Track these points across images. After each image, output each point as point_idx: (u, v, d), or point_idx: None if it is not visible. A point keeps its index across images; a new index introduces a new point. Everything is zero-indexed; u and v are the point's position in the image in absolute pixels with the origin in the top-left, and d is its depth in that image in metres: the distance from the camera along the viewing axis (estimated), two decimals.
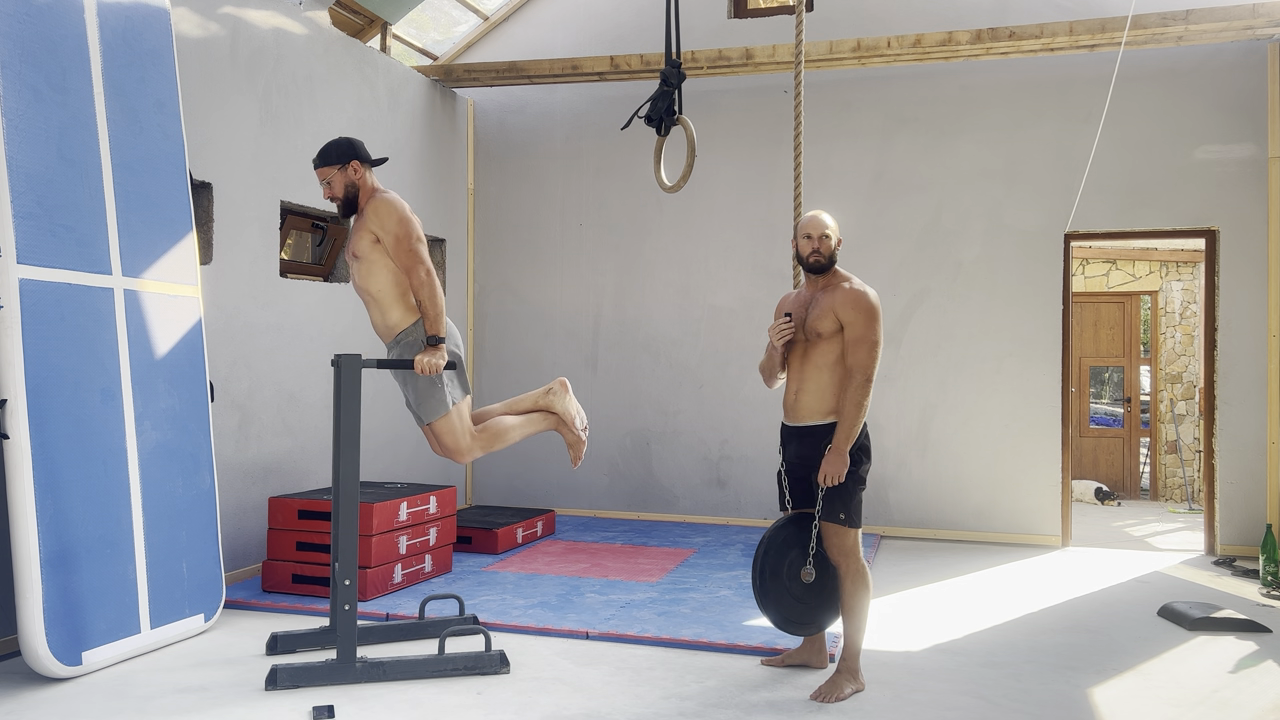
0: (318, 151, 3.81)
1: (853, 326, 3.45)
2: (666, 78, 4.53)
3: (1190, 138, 6.20)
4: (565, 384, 3.99)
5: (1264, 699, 3.48)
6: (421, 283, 3.66)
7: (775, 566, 3.63)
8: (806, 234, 3.59)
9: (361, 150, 3.79)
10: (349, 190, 3.77)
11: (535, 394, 4.00)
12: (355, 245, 3.74)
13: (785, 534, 3.65)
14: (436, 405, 3.71)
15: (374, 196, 3.74)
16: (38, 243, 3.58)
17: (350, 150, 3.76)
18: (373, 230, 3.69)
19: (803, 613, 3.68)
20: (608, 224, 7.28)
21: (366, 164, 3.80)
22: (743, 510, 6.94)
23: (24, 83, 3.59)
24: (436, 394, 3.70)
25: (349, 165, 3.76)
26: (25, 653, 3.46)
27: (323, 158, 3.76)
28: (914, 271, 6.64)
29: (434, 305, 3.66)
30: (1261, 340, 6.08)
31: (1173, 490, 9.18)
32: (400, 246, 3.68)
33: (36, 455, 3.48)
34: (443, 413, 3.71)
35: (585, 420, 3.98)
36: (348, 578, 3.58)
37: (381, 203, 3.71)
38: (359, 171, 3.77)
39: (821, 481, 3.42)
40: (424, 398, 3.72)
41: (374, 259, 3.71)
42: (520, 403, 4.00)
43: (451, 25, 7.36)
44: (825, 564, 3.63)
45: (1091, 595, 5.01)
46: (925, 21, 6.55)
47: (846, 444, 3.41)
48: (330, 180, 3.76)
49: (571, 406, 3.96)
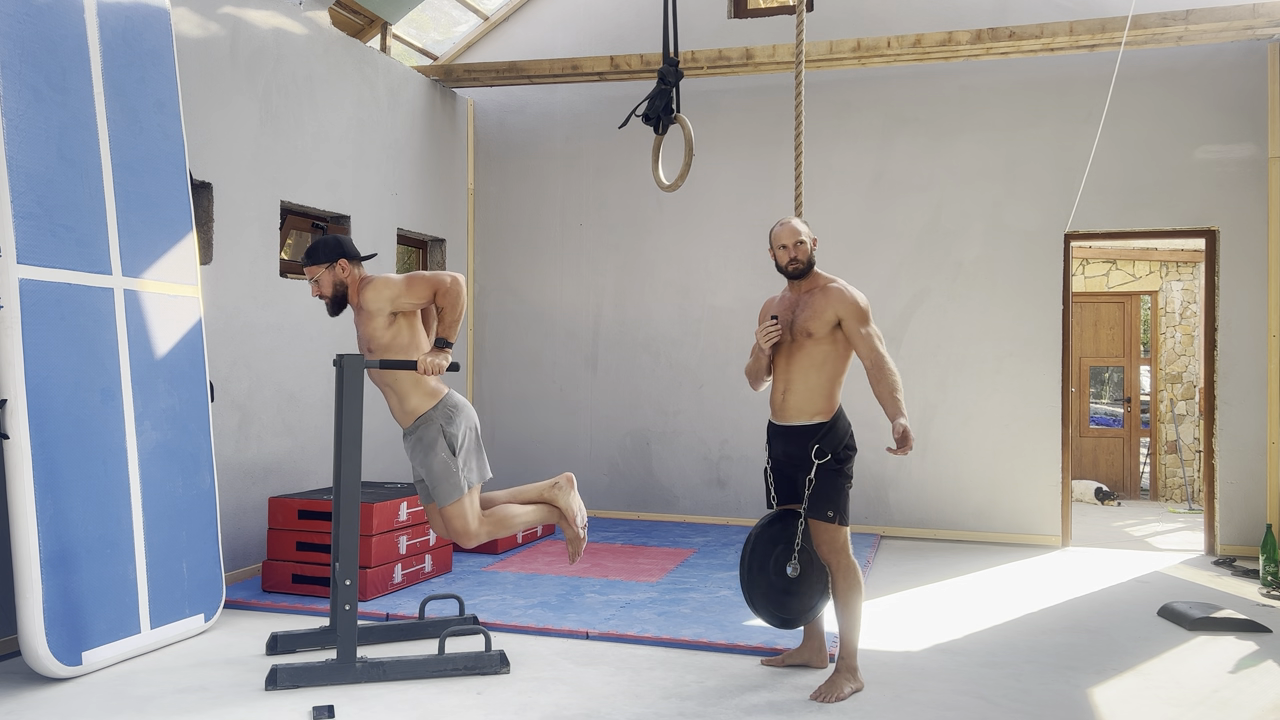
0: (305, 250, 3.80)
1: (852, 324, 3.49)
2: (664, 76, 4.53)
3: (1190, 138, 6.20)
4: (571, 479, 3.99)
5: (1264, 699, 3.48)
6: (448, 289, 3.67)
7: (762, 562, 3.65)
8: (781, 244, 3.61)
9: (349, 247, 3.78)
10: (337, 289, 3.77)
11: (541, 486, 4.00)
12: (369, 337, 3.73)
13: (772, 530, 3.67)
14: (451, 489, 3.71)
15: (365, 285, 3.74)
16: (38, 243, 3.58)
17: (338, 248, 3.75)
18: (375, 310, 3.69)
19: (789, 606, 3.70)
20: (608, 224, 7.28)
21: (355, 261, 3.79)
22: (743, 510, 6.94)
23: (24, 83, 3.59)
24: (452, 478, 3.71)
25: (337, 263, 3.74)
26: (25, 653, 3.46)
27: (309, 256, 3.75)
28: (914, 271, 6.64)
29: (454, 311, 3.68)
30: (1261, 340, 6.08)
31: (1173, 490, 9.18)
32: (413, 286, 3.68)
33: (36, 455, 3.48)
34: (456, 497, 3.72)
35: (585, 518, 4.00)
36: (348, 578, 3.58)
37: (376, 283, 3.71)
38: (347, 269, 3.76)
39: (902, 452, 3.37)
40: (439, 480, 3.72)
41: (387, 343, 3.72)
42: (525, 493, 4.00)
43: (451, 25, 7.36)
44: (811, 558, 3.68)
45: (1091, 595, 5.01)
46: (925, 21, 6.55)
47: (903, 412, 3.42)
48: (318, 279, 3.75)
49: (575, 503, 3.97)
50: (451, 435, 3.73)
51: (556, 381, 7.37)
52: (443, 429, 3.73)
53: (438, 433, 3.72)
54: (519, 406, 7.44)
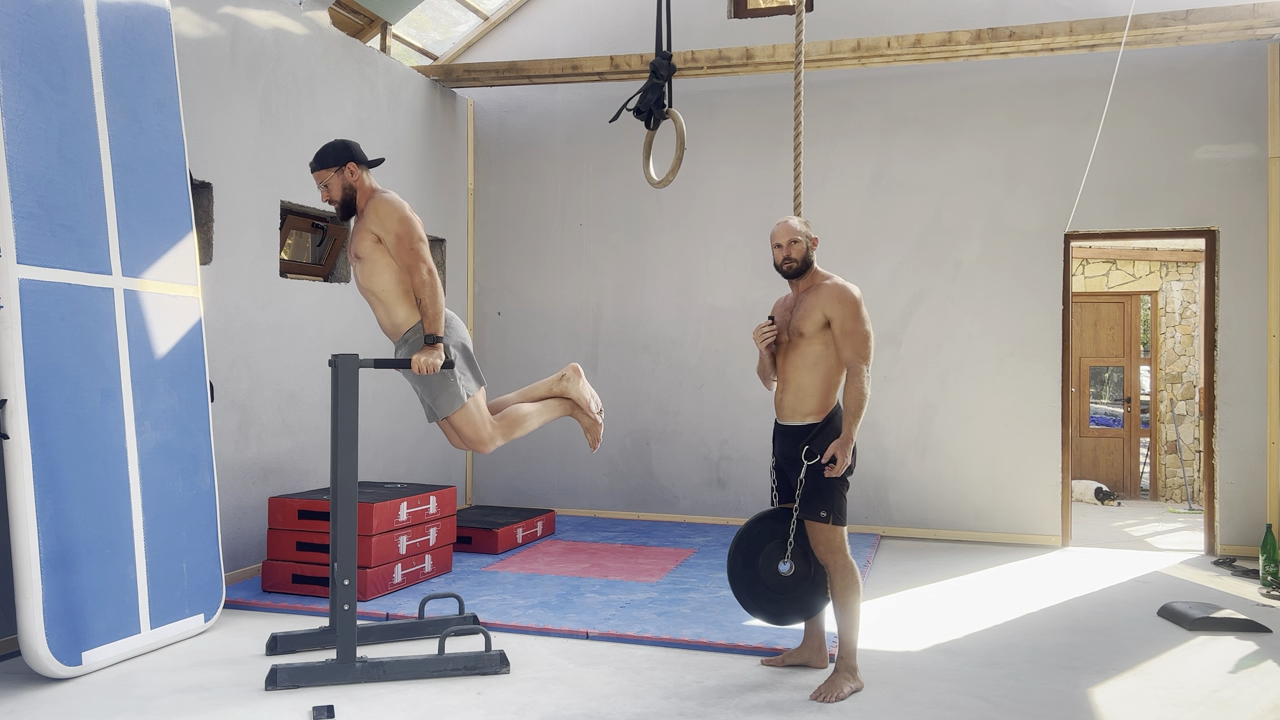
0: (314, 155, 3.81)
1: (840, 320, 3.47)
2: (656, 69, 4.49)
3: (1190, 138, 6.20)
4: (578, 369, 4.01)
5: (1264, 699, 3.48)
6: (423, 282, 3.66)
7: (749, 558, 3.66)
8: (776, 244, 3.62)
9: (357, 151, 3.78)
10: (346, 192, 3.77)
11: (549, 381, 4.02)
12: (357, 246, 3.74)
13: (762, 528, 3.68)
14: (451, 399, 3.72)
15: (373, 197, 3.74)
16: (38, 243, 3.58)
17: (346, 152, 3.75)
18: (374, 230, 3.69)
19: (782, 604, 3.70)
20: (608, 224, 7.28)
21: (363, 165, 3.79)
22: (743, 510, 6.94)
23: (24, 83, 3.59)
24: (450, 388, 3.71)
25: (345, 167, 3.75)
26: (25, 653, 3.46)
27: (319, 160, 3.75)
28: (914, 271, 6.64)
29: (434, 305, 3.66)
30: (1261, 340, 6.08)
31: (1173, 490, 9.18)
32: (402, 245, 3.68)
33: (36, 455, 3.48)
34: (458, 406, 3.72)
35: (600, 404, 4.01)
36: (347, 578, 3.58)
37: (382, 202, 3.70)
38: (356, 173, 3.76)
39: (829, 471, 3.43)
40: (437, 393, 3.72)
41: (376, 259, 3.71)
42: (535, 390, 4.01)
43: (451, 25, 7.36)
44: (805, 557, 3.66)
45: (1091, 595, 5.01)
46: (925, 21, 6.55)
47: (854, 431, 3.44)
48: (327, 183, 3.75)
49: (586, 391, 3.99)
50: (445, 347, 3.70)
51: None
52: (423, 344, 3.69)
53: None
54: None
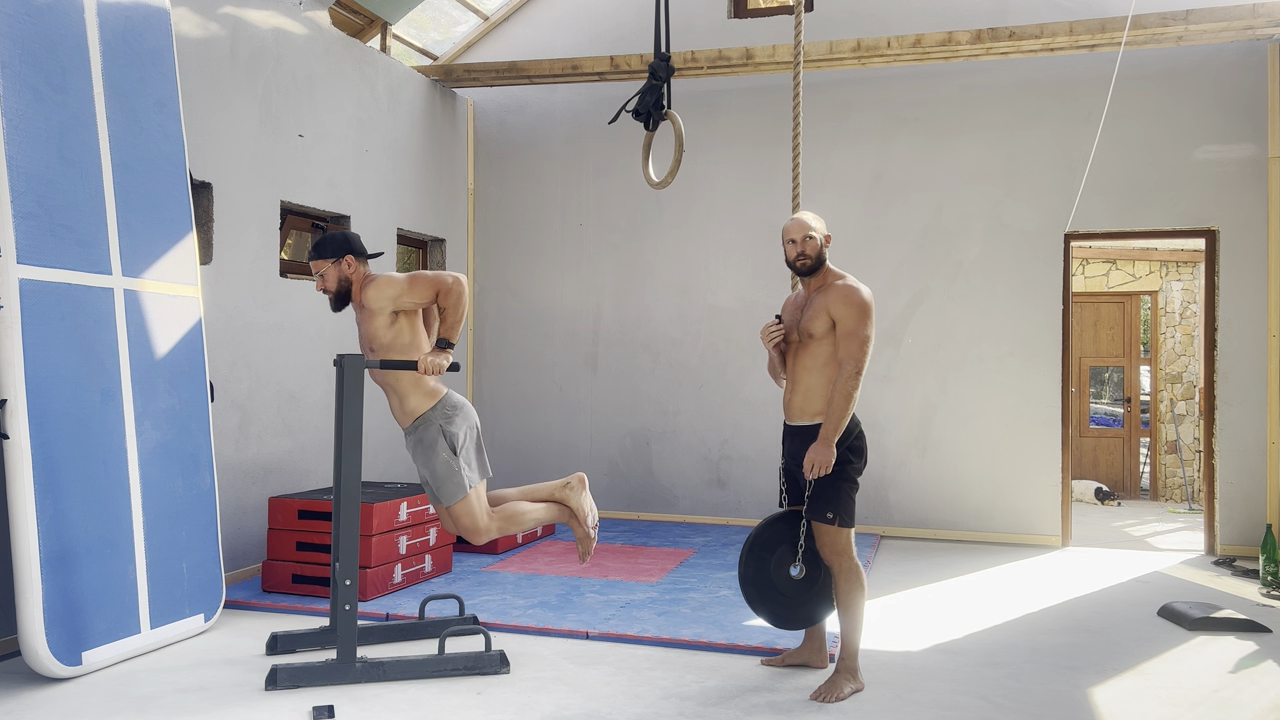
0: (313, 244, 3.81)
1: (843, 321, 3.45)
2: (655, 71, 4.49)
3: (1190, 138, 6.20)
4: (583, 479, 4.00)
5: (1264, 699, 3.48)
6: (449, 289, 3.67)
7: (761, 562, 3.65)
8: (790, 239, 3.59)
9: (356, 244, 3.79)
10: (342, 284, 3.78)
11: (553, 485, 4.01)
12: (371, 336, 3.74)
13: (772, 531, 3.66)
14: (455, 489, 3.73)
15: (369, 282, 3.74)
16: (38, 243, 3.58)
17: (345, 244, 3.76)
18: (378, 308, 3.69)
19: (792, 608, 3.70)
20: (608, 224, 7.28)
21: (361, 258, 3.79)
22: (743, 510, 6.94)
23: (24, 83, 3.59)
24: (455, 478, 3.72)
25: (343, 259, 3.75)
26: (25, 653, 3.46)
27: (316, 250, 3.76)
28: (914, 271, 6.64)
29: (456, 312, 3.69)
30: (1261, 340, 6.08)
31: (1173, 490, 9.18)
32: (415, 284, 3.68)
33: (36, 455, 3.48)
34: (460, 496, 3.73)
35: (597, 518, 4.01)
36: (348, 578, 3.58)
37: (379, 281, 3.71)
38: (353, 265, 3.77)
39: (807, 471, 3.42)
40: (443, 481, 3.73)
41: (390, 342, 3.72)
42: (537, 491, 4.01)
43: (451, 25, 7.36)
44: (815, 560, 3.65)
45: (1091, 595, 5.01)
46: (925, 21, 6.55)
47: (834, 435, 3.41)
48: (323, 273, 3.77)
49: (586, 503, 3.98)
50: (451, 435, 3.74)
51: (556, 381, 7.37)
52: (442, 429, 3.73)
53: (438, 433, 3.73)
54: (519, 406, 7.44)
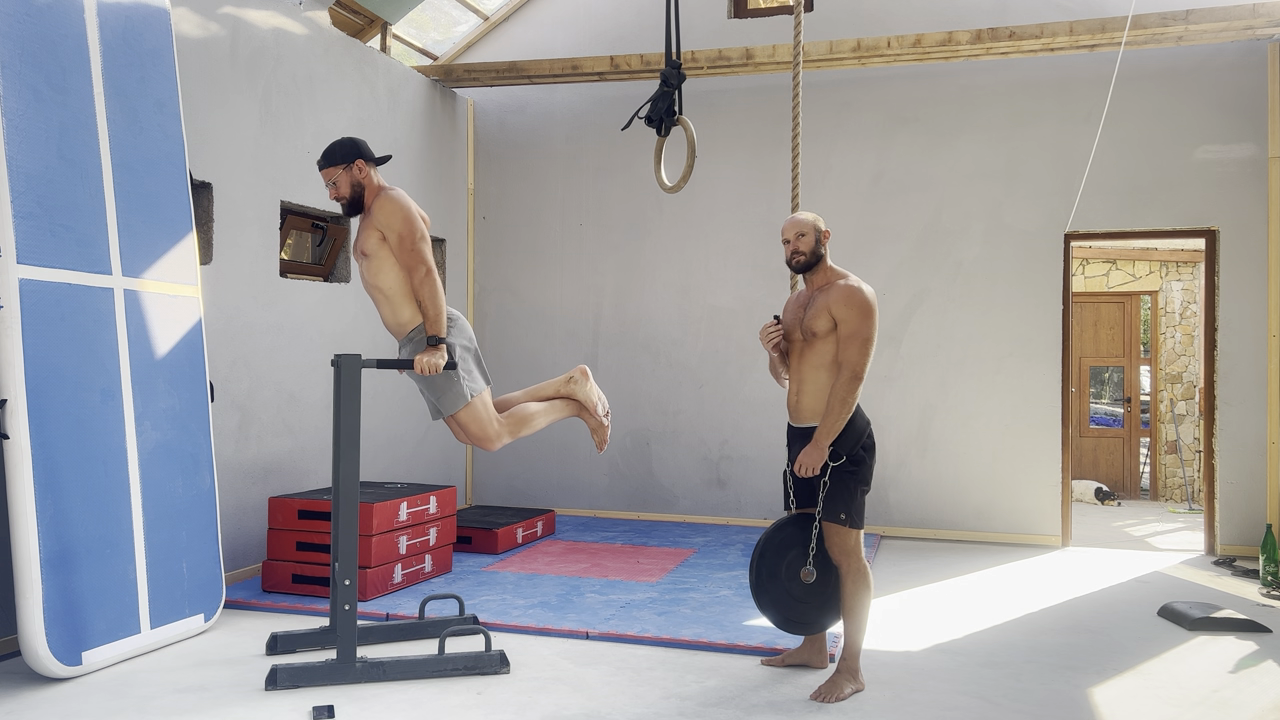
0: (322, 152, 3.81)
1: (845, 323, 3.45)
2: (666, 78, 4.54)
3: (1190, 138, 6.20)
4: (586, 371, 4.01)
5: (1264, 699, 3.48)
6: (421, 282, 3.66)
7: (773, 566, 3.64)
8: (785, 239, 3.61)
9: (365, 149, 3.79)
10: (355, 189, 3.77)
11: (556, 381, 4.03)
12: (363, 243, 3.74)
13: (784, 534, 3.65)
14: (455, 398, 3.73)
15: (380, 194, 3.74)
16: (38, 243, 3.58)
17: (355, 149, 3.76)
18: (379, 228, 3.70)
19: (803, 612, 3.69)
20: (608, 224, 7.28)
21: (371, 163, 3.80)
22: (743, 510, 6.94)
23: (24, 83, 3.59)
24: (454, 387, 3.71)
25: (354, 164, 3.76)
26: (25, 653, 3.46)
27: (327, 158, 3.77)
28: (914, 271, 6.64)
29: (434, 305, 3.66)
30: (1261, 340, 6.08)
31: (1173, 490, 9.18)
32: (403, 245, 3.68)
33: (36, 455, 3.48)
34: (462, 404, 3.72)
35: (607, 405, 4.02)
36: (348, 578, 3.58)
37: (387, 200, 3.71)
38: (364, 170, 3.77)
39: (797, 471, 3.43)
40: (442, 392, 3.73)
41: (382, 256, 3.71)
42: (542, 390, 4.02)
43: (451, 25, 7.36)
44: (826, 564, 3.63)
45: (1091, 595, 5.01)
46: (925, 21, 6.55)
47: (827, 438, 3.41)
48: (335, 180, 3.76)
49: (593, 393, 4.00)
50: (449, 346, 3.71)
51: None
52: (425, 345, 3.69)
53: None
54: None
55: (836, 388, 3.41)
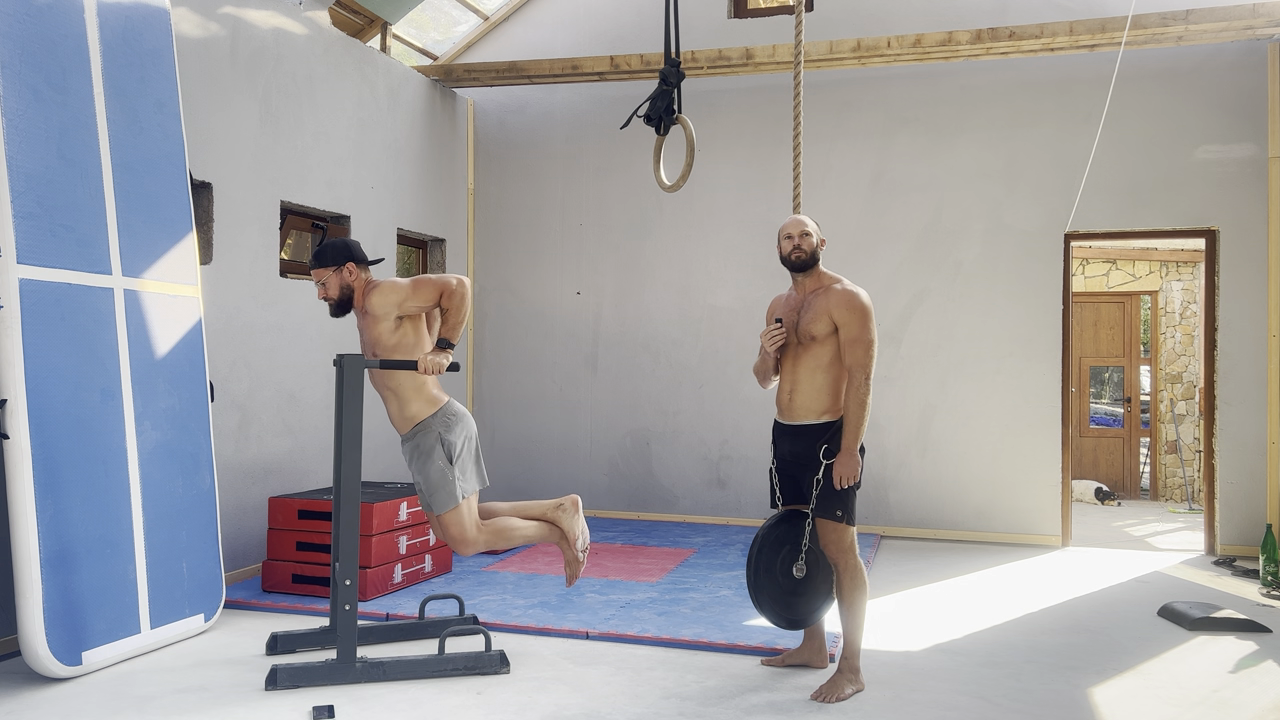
0: (313, 253, 3.81)
1: (847, 327, 3.47)
2: (665, 77, 4.54)
3: (1190, 138, 6.20)
4: (577, 502, 3.98)
5: (1264, 699, 3.48)
6: (454, 291, 3.69)
7: (769, 563, 3.65)
8: (787, 234, 3.62)
9: (357, 251, 3.79)
10: (344, 291, 3.78)
11: (546, 504, 3.99)
12: (373, 340, 3.74)
13: (778, 532, 3.67)
14: (447, 498, 3.73)
15: (371, 290, 3.74)
16: (38, 243, 3.58)
17: (345, 252, 3.76)
18: (383, 314, 3.69)
19: (795, 607, 3.70)
20: (608, 224, 7.28)
21: (362, 265, 3.80)
22: (743, 510, 6.94)
23: (24, 83, 3.58)
24: (448, 486, 3.72)
25: (344, 267, 3.76)
26: (25, 653, 3.46)
27: (317, 259, 3.77)
28: (914, 271, 6.64)
29: (458, 314, 3.71)
30: (1261, 340, 6.08)
31: (1173, 490, 9.18)
32: (419, 288, 3.69)
33: (36, 455, 3.48)
34: (452, 505, 3.73)
35: (588, 541, 3.98)
36: (348, 578, 3.58)
37: (382, 287, 3.72)
38: (354, 273, 3.77)
39: (837, 484, 3.45)
40: (436, 488, 3.73)
41: (392, 346, 3.73)
42: (529, 509, 3.99)
43: (451, 25, 7.36)
44: (816, 559, 3.68)
45: (1091, 595, 5.01)
46: (925, 21, 6.55)
47: (855, 444, 3.46)
48: (325, 281, 3.77)
49: (578, 526, 3.95)
50: (450, 444, 3.73)
51: (556, 381, 7.37)
52: (441, 437, 3.73)
53: (435, 440, 3.72)
54: (519, 407, 7.44)
55: (853, 393, 3.44)
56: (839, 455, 3.46)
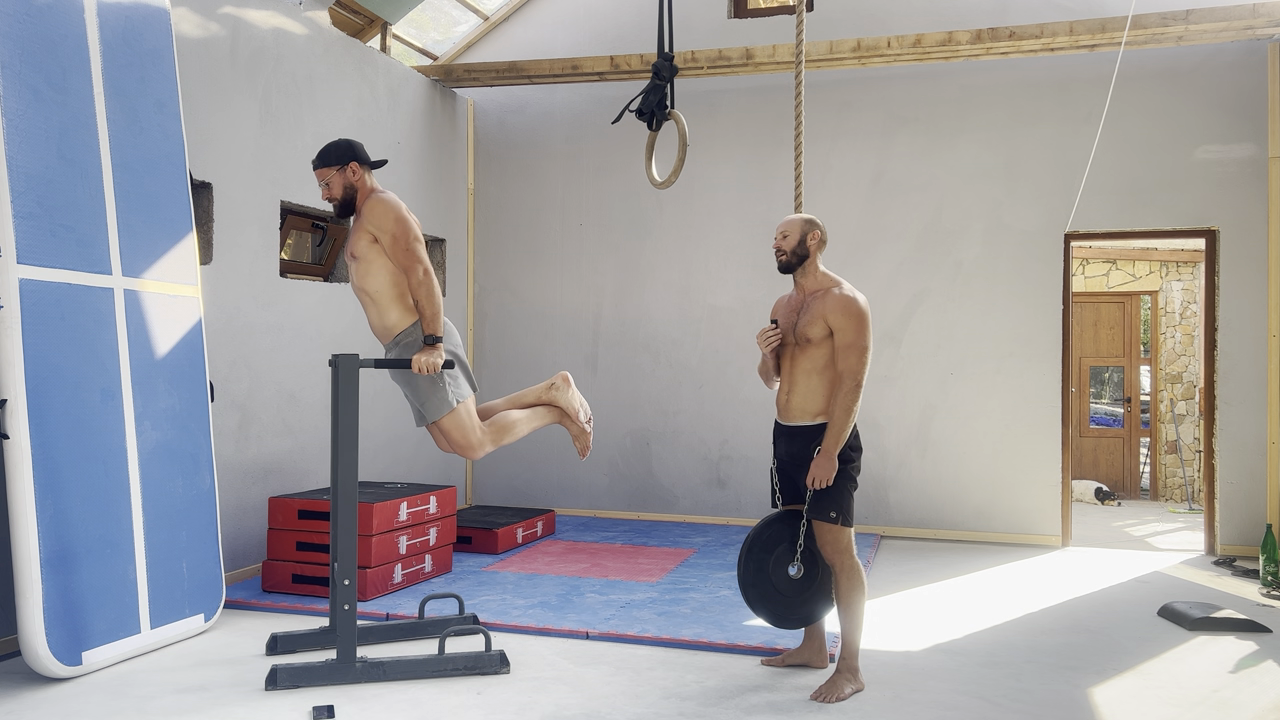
0: (317, 153, 3.82)
1: (842, 332, 3.47)
2: (658, 71, 4.51)
3: (1190, 138, 6.20)
4: (568, 378, 4.00)
5: (1264, 699, 3.48)
6: (419, 282, 3.67)
7: (760, 562, 3.66)
8: (774, 237, 3.64)
9: (360, 151, 3.80)
10: (347, 191, 3.78)
11: (538, 389, 4.02)
12: (353, 245, 3.75)
13: (771, 531, 3.67)
14: (439, 404, 3.72)
15: (371, 196, 3.75)
16: (38, 243, 3.58)
17: (349, 151, 3.77)
18: (370, 230, 3.70)
19: (792, 607, 3.70)
20: (608, 224, 7.28)
21: (365, 165, 3.80)
22: (743, 510, 6.94)
23: (24, 83, 3.59)
24: (439, 393, 3.71)
25: (348, 166, 3.76)
26: (25, 653, 3.46)
27: (321, 159, 3.77)
28: (914, 271, 6.64)
29: (431, 305, 3.67)
30: (1261, 340, 6.08)
31: (1173, 490, 9.18)
32: (397, 246, 3.68)
33: (36, 455, 3.48)
34: (446, 411, 3.72)
35: (589, 412, 4.01)
36: (347, 578, 3.58)
37: (379, 202, 3.72)
38: (357, 173, 3.78)
39: (810, 485, 3.46)
40: (426, 397, 3.73)
41: (372, 259, 3.72)
42: (523, 397, 4.02)
43: (451, 25, 7.36)
44: (813, 559, 3.67)
45: (1091, 595, 5.01)
46: (925, 21, 6.55)
47: (835, 448, 3.45)
48: (329, 181, 3.77)
49: (575, 400, 3.99)
50: None
51: None
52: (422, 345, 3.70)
53: (418, 348, 3.70)
54: None
55: (841, 398, 3.44)
56: (817, 457, 3.46)
